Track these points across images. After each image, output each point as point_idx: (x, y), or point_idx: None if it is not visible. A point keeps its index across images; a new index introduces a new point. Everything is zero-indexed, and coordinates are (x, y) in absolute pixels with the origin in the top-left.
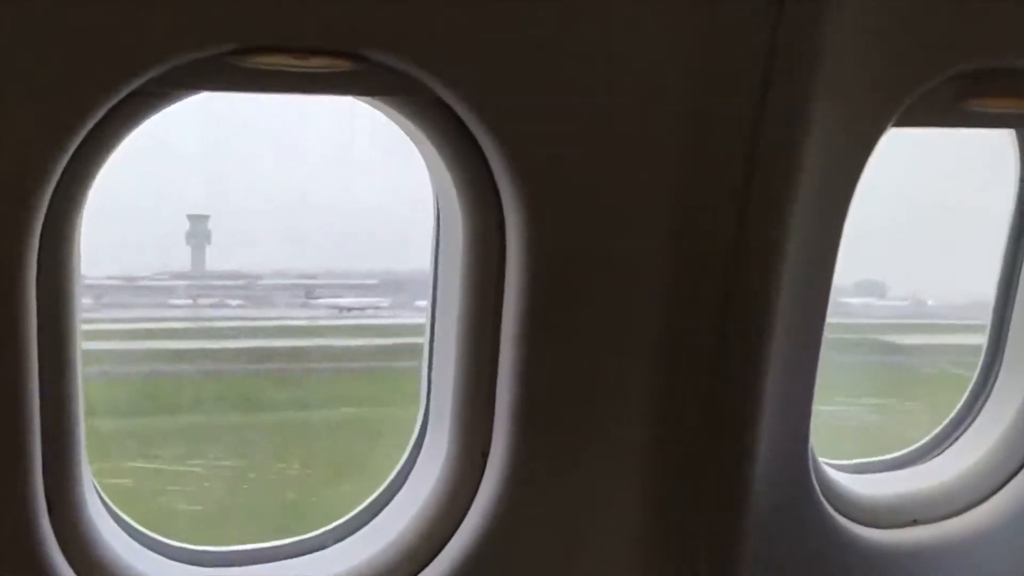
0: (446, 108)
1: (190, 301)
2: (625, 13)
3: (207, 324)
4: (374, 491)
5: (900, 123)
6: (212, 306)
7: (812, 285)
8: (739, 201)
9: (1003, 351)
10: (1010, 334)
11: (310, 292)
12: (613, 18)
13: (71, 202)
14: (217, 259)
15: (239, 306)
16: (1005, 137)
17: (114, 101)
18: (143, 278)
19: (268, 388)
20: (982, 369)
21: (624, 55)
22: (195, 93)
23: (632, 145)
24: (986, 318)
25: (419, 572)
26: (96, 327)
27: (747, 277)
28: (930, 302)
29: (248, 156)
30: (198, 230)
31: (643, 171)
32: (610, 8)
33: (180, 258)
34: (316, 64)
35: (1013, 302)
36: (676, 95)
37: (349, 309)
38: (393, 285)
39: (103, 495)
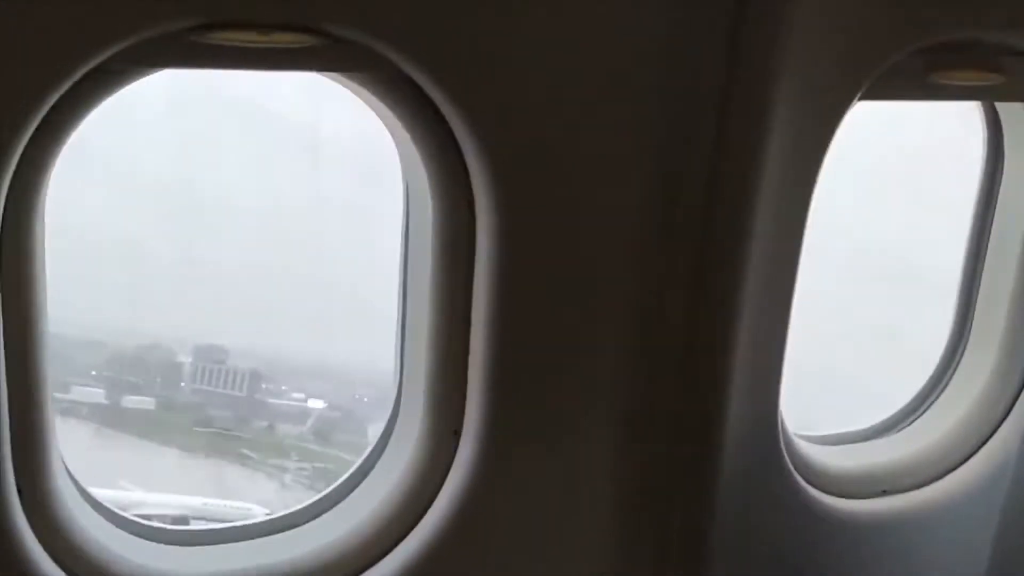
0: (412, 84)
1: None
2: None
3: None
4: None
5: (868, 96)
6: None
7: (780, 259)
8: (709, 174)
9: (971, 322)
10: (977, 306)
11: None
12: None
13: (32, 185)
14: None
15: None
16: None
17: (75, 79)
18: None
19: None
20: (950, 340)
21: (590, 31)
22: (157, 70)
23: (600, 119)
24: None
25: (391, 549)
26: None
27: (717, 250)
28: None
29: None
30: None
31: (611, 145)
32: None
33: None
34: (279, 40)
35: (980, 273)
36: (643, 71)
37: None
38: None
39: (75, 477)
